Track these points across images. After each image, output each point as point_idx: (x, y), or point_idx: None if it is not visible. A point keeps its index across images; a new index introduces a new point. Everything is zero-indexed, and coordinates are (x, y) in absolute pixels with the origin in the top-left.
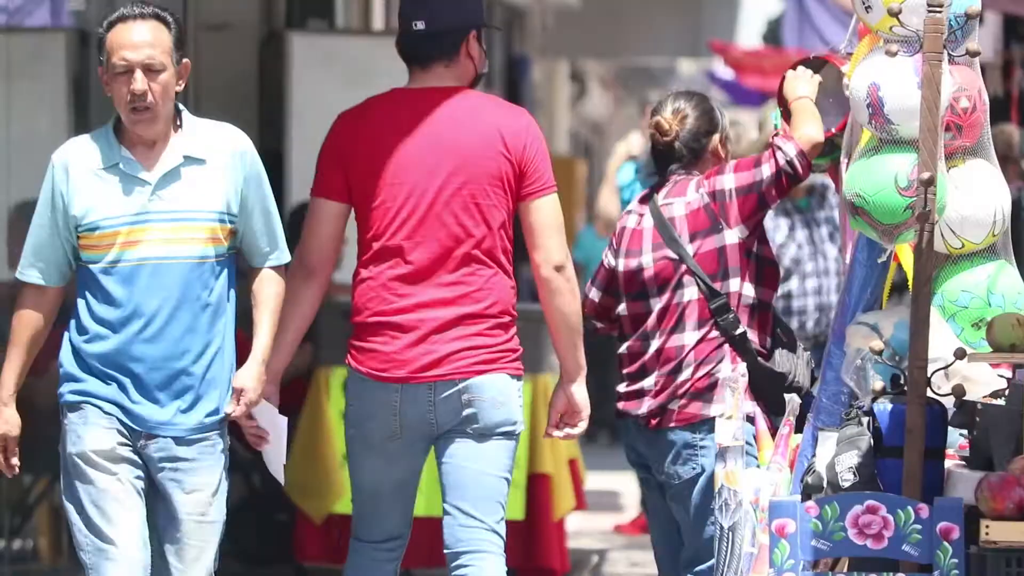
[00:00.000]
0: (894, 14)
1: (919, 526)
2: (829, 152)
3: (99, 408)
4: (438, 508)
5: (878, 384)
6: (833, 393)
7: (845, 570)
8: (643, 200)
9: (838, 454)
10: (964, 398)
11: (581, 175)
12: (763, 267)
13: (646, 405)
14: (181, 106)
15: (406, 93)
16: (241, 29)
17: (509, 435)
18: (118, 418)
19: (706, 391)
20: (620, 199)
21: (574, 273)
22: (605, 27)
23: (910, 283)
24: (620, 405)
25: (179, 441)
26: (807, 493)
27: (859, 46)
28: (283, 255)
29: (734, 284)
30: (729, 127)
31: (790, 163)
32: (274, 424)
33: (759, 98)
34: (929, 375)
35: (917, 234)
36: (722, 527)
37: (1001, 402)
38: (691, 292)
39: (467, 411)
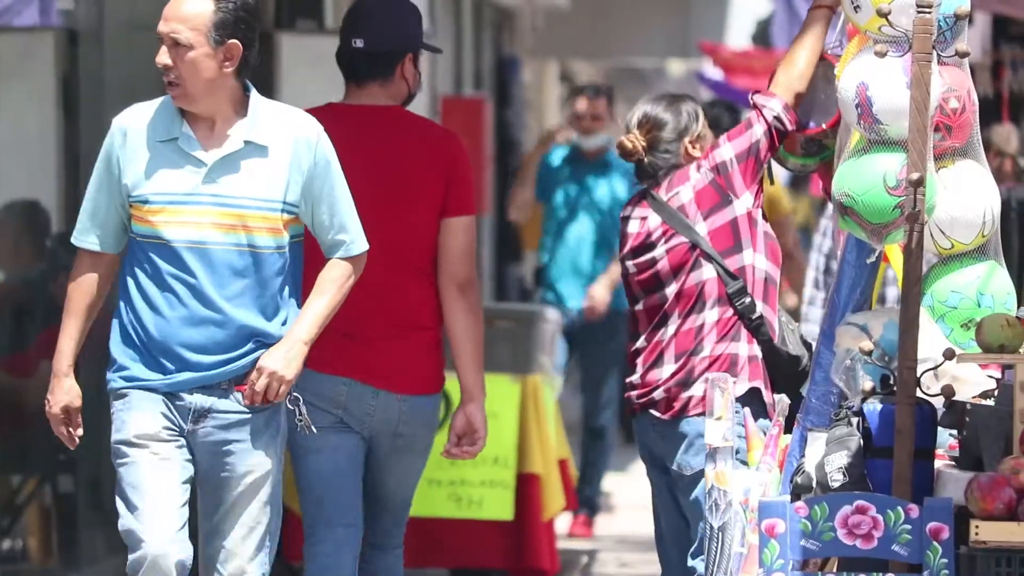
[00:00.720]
0: (883, 14)
1: (909, 526)
2: (817, 152)
3: (145, 393)
4: (430, 509)
5: (867, 384)
6: (822, 393)
7: (835, 570)
8: (638, 203)
9: (827, 454)
10: (953, 398)
11: None
12: (767, 241)
13: (662, 390)
14: (251, 86)
15: (341, 108)
16: None
17: None
18: (164, 403)
19: (727, 371)
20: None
21: (479, 291)
22: (595, 28)
23: (899, 283)
24: (635, 397)
25: (227, 425)
26: (796, 493)
27: (848, 46)
28: (353, 246)
29: (748, 256)
30: (703, 127)
31: (778, 118)
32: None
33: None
34: (919, 375)
35: (906, 234)
36: (712, 527)
37: (990, 402)
38: (708, 271)
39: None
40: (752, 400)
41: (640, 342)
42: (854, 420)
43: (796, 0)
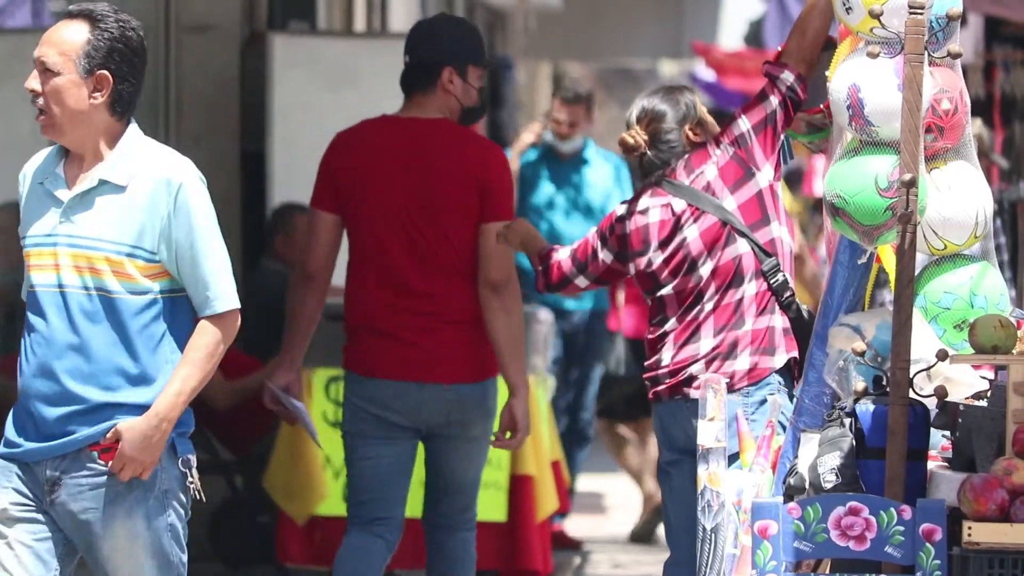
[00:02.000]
0: (875, 16)
1: (902, 527)
2: (822, 128)
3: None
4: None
5: (860, 385)
6: (815, 394)
7: (827, 571)
8: (650, 195)
9: (820, 455)
10: (946, 399)
11: None
12: (787, 215)
13: (702, 363)
14: (133, 124)
15: (390, 120)
16: (223, 31)
17: None
18: (17, 473)
19: (768, 345)
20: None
21: (516, 292)
22: (587, 29)
23: (892, 284)
24: (663, 381)
25: (79, 492)
26: (789, 494)
27: (840, 47)
28: (217, 303)
29: (775, 229)
30: (702, 113)
31: (791, 88)
32: (297, 408)
33: (741, 100)
34: (911, 376)
35: (899, 235)
36: (704, 528)
37: (983, 403)
38: (743, 246)
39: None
40: (789, 372)
41: (670, 324)
42: (847, 421)
43: (788, 1)
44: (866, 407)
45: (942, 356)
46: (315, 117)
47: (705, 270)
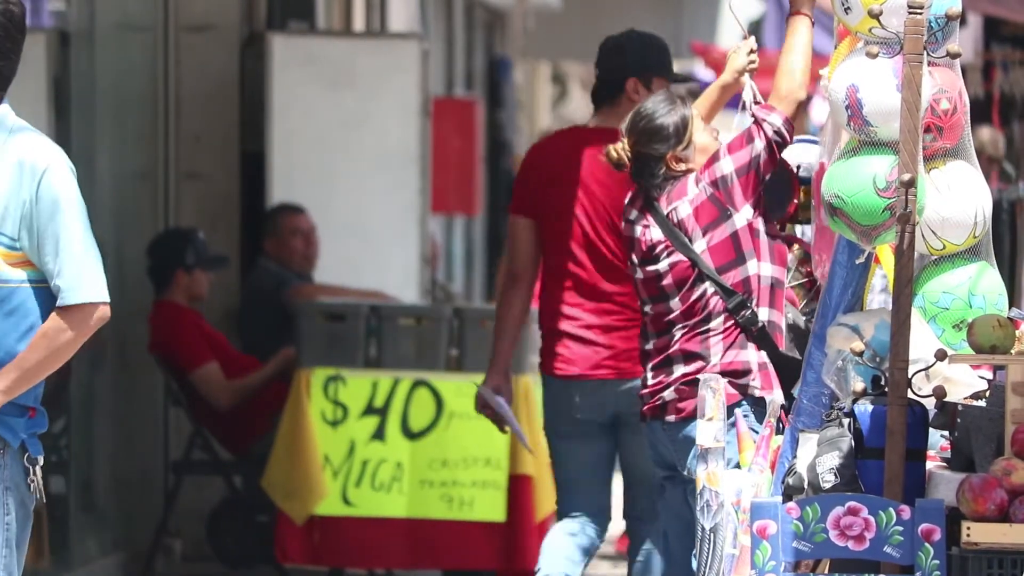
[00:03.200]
0: (874, 15)
1: (900, 527)
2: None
3: None
4: (422, 510)
5: (859, 385)
6: (814, 395)
7: (826, 571)
8: (641, 208)
9: (819, 455)
10: (945, 399)
11: None
12: (772, 245)
13: (672, 390)
14: (7, 103)
15: (580, 130)
16: (222, 31)
17: None
18: None
19: (739, 375)
20: None
21: None
22: (586, 29)
23: (891, 285)
24: (645, 402)
25: None
26: (788, 494)
27: (839, 47)
28: (70, 294)
29: (752, 267)
30: (688, 139)
31: (778, 132)
32: (505, 412)
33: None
34: (910, 376)
35: (898, 235)
36: (703, 528)
37: (982, 403)
38: (712, 286)
39: None
40: (762, 406)
41: (650, 344)
42: (845, 421)
43: (787, 1)
44: (865, 407)
45: (941, 356)
46: (314, 117)
47: (675, 304)
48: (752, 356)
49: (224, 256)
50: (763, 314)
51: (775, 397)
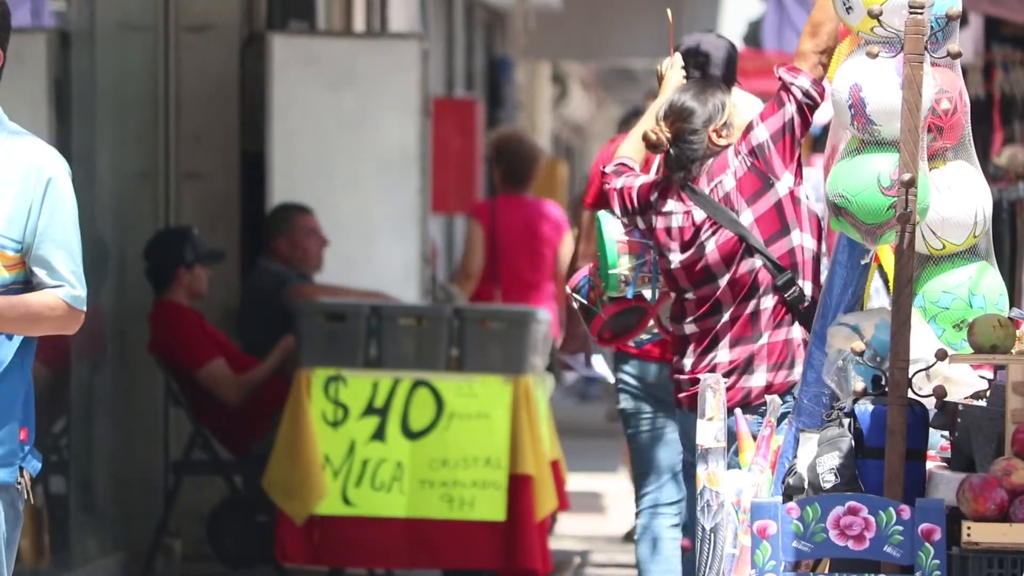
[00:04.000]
0: (875, 15)
1: (901, 527)
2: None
3: None
4: (422, 510)
5: (859, 385)
6: (814, 394)
7: (826, 571)
8: (675, 196)
9: (819, 455)
10: (945, 399)
11: (563, 177)
12: (810, 216)
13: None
14: (1, 114)
15: None
16: (222, 31)
17: None
18: None
19: (786, 359)
20: None
21: None
22: (587, 29)
23: (891, 284)
24: (685, 389)
25: None
26: (788, 494)
27: (840, 47)
28: (76, 300)
29: (796, 237)
30: (729, 115)
31: (807, 94)
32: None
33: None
34: (910, 376)
35: (898, 235)
36: (704, 528)
37: (982, 403)
38: (760, 260)
39: None
40: None
41: (690, 327)
42: (846, 421)
43: (787, 1)
44: (865, 407)
45: (941, 356)
46: (314, 117)
47: (723, 281)
48: (797, 333)
49: (221, 251)
50: (808, 289)
51: (775, 397)
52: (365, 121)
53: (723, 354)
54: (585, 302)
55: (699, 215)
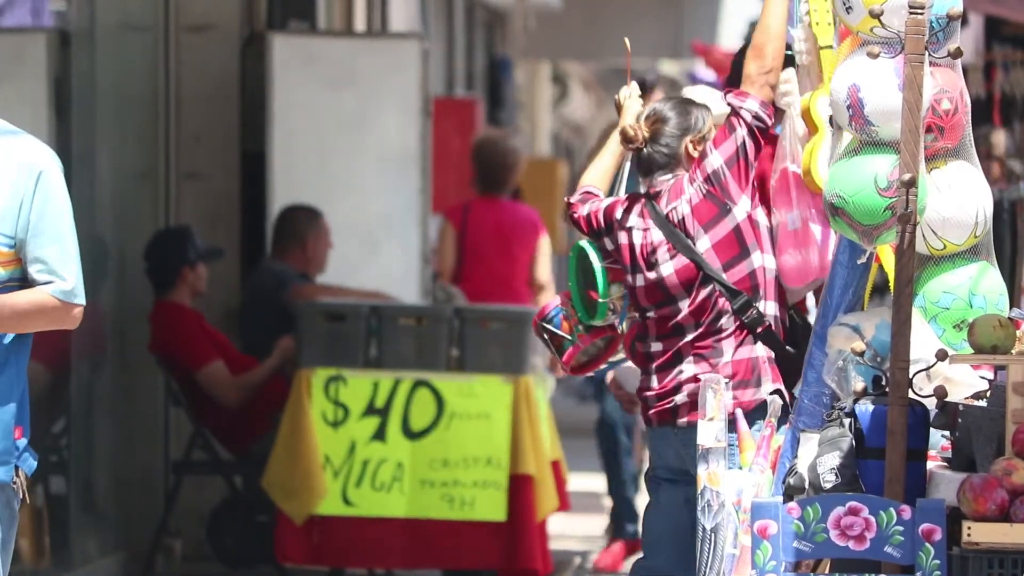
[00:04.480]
0: (875, 15)
1: (901, 527)
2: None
3: None
4: (422, 510)
5: (860, 385)
6: (815, 394)
7: (827, 571)
8: (639, 212)
9: (820, 455)
10: (946, 399)
11: (562, 177)
12: (771, 236)
13: (685, 394)
14: None
15: None
16: (222, 31)
17: None
18: None
19: (750, 376)
20: None
21: None
22: (587, 29)
23: (891, 284)
24: (652, 406)
25: None
26: (789, 494)
27: (840, 47)
28: (71, 294)
29: (756, 259)
30: (708, 131)
31: (757, 116)
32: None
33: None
34: (911, 376)
35: (899, 235)
36: (704, 528)
37: (983, 403)
38: (717, 286)
39: None
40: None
41: (655, 346)
42: (846, 421)
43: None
44: (865, 407)
45: (941, 356)
46: (315, 117)
47: (683, 305)
48: (761, 351)
49: (220, 247)
50: (770, 308)
51: (776, 397)
52: (365, 121)
53: (689, 368)
54: (559, 332)
55: (657, 236)
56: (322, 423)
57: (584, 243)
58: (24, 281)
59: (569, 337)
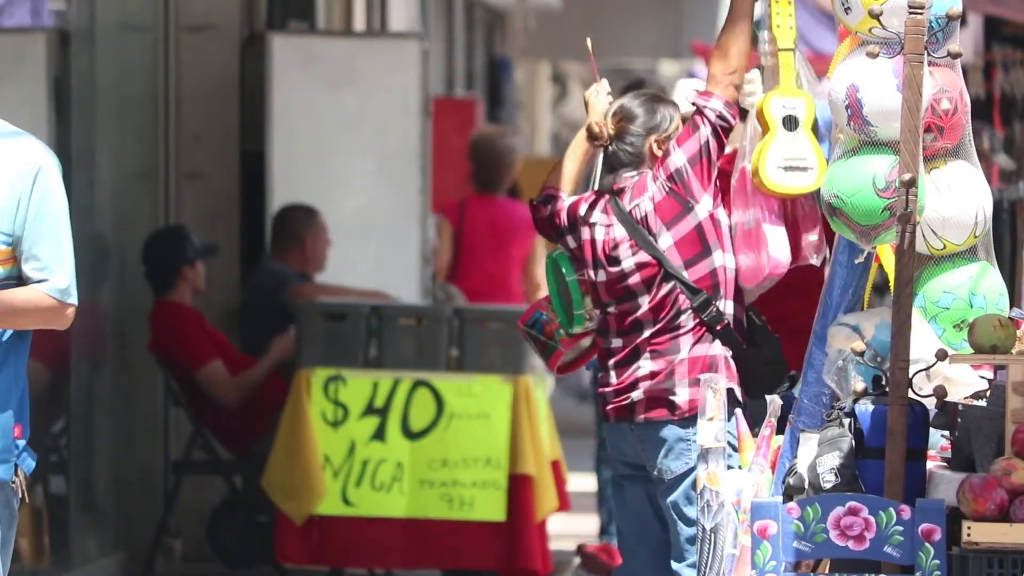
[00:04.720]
0: (874, 16)
1: (901, 527)
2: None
3: None
4: (422, 510)
5: (859, 385)
6: (814, 394)
7: (827, 571)
8: (601, 208)
9: (820, 455)
10: (946, 399)
11: None
12: (732, 236)
13: (641, 391)
14: None
15: None
16: (222, 31)
17: None
18: None
19: (708, 372)
20: None
21: None
22: (587, 29)
23: (891, 284)
24: (610, 402)
25: None
26: (789, 494)
27: (839, 48)
28: (66, 293)
29: (718, 258)
30: (674, 130)
31: (720, 116)
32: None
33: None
34: (911, 376)
35: (899, 235)
36: (704, 528)
37: (982, 403)
38: (678, 283)
39: None
40: (728, 401)
41: (614, 341)
42: (846, 421)
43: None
44: (865, 407)
45: (941, 356)
46: (315, 117)
47: (643, 301)
48: (719, 350)
49: (216, 244)
50: (729, 308)
51: (775, 397)
52: (365, 121)
53: (646, 365)
54: (542, 337)
55: (619, 232)
56: (322, 423)
57: (556, 255)
58: (21, 280)
59: (552, 342)
